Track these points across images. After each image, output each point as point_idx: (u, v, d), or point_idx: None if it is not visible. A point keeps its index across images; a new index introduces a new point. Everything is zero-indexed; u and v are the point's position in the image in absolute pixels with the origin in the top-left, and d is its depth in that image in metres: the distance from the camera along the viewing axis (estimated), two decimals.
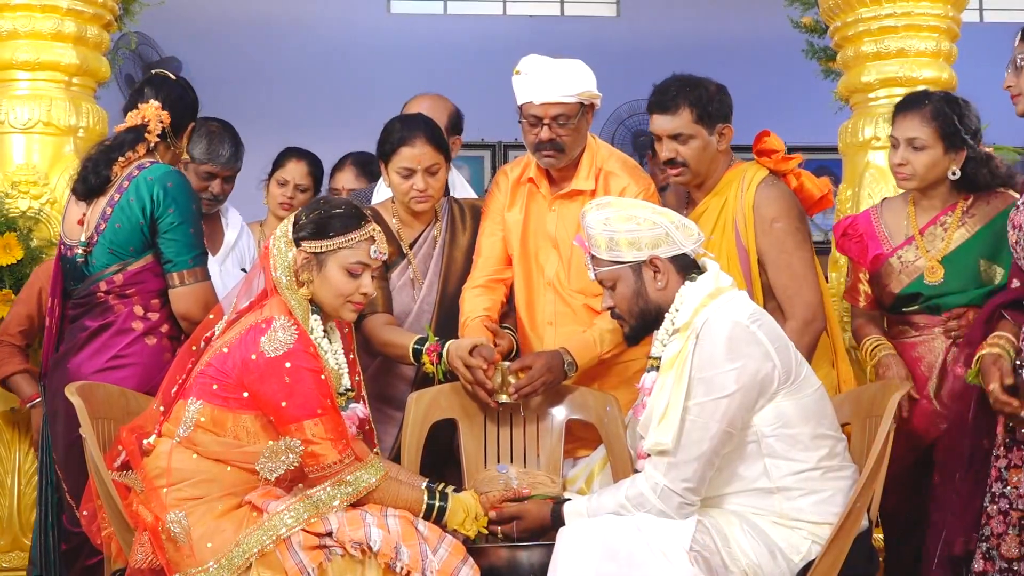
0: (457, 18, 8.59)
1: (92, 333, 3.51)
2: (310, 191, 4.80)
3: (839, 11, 4.72)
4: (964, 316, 3.55)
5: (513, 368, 3.47)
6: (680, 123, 3.61)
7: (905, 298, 3.66)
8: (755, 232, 3.61)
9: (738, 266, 3.61)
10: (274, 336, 2.94)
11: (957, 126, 3.53)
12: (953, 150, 3.55)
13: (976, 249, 3.56)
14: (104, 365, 3.47)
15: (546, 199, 3.72)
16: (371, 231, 3.07)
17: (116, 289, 3.50)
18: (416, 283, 3.81)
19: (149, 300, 3.52)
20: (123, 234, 3.47)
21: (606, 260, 3.10)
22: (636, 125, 8.04)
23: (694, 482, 2.94)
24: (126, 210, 3.46)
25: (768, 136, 3.73)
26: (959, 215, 3.60)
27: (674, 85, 3.64)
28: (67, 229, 3.60)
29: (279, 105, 7.93)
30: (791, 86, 6.27)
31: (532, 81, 3.58)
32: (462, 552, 2.94)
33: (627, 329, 3.16)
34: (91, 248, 3.50)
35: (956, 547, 3.21)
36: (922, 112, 3.56)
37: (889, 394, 3.09)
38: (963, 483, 3.22)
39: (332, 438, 2.92)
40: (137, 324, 3.51)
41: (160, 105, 3.58)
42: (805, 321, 3.57)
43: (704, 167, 3.66)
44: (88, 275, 3.53)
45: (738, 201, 3.64)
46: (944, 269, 3.58)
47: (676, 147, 3.63)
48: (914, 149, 3.57)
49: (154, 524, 2.89)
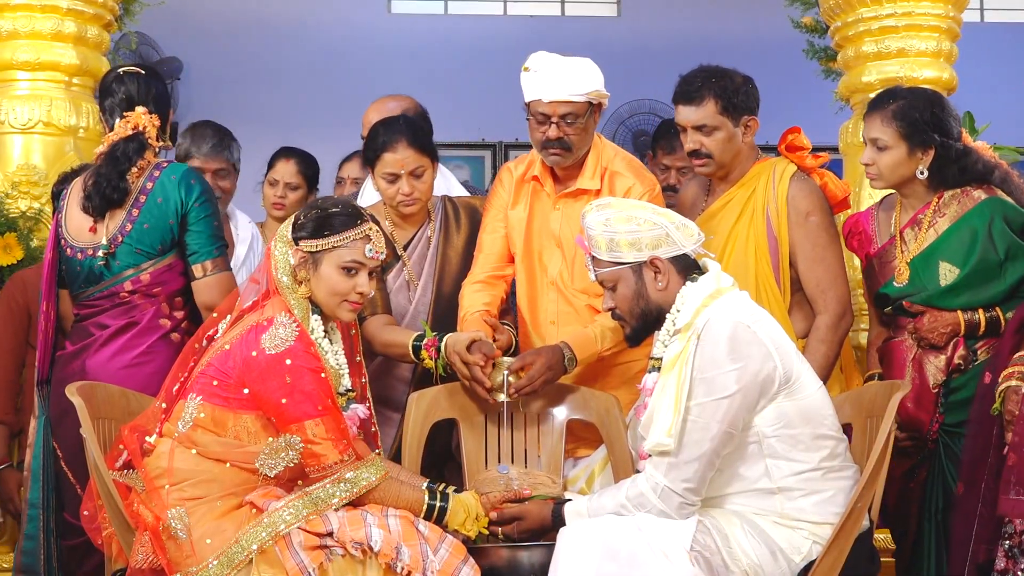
0: (457, 18, 8.59)
1: (115, 332, 3.55)
2: (302, 189, 4.79)
3: (840, 11, 4.73)
4: (919, 319, 3.54)
5: (513, 368, 3.46)
6: (705, 114, 3.59)
7: (880, 298, 3.66)
8: (788, 224, 3.60)
9: (767, 256, 3.60)
10: (275, 334, 2.94)
11: (922, 124, 3.49)
12: (920, 149, 3.51)
13: (939, 251, 3.54)
14: (131, 362, 3.53)
15: (550, 197, 3.72)
16: (367, 230, 3.07)
17: (143, 288, 3.56)
18: (411, 284, 3.80)
19: (173, 299, 3.60)
20: (151, 233, 3.54)
21: (606, 261, 3.09)
22: (637, 125, 8.04)
23: (695, 482, 2.94)
24: (154, 210, 3.53)
25: (796, 133, 3.71)
26: (931, 215, 3.58)
27: (700, 76, 3.62)
28: (73, 233, 3.61)
29: (279, 105, 7.94)
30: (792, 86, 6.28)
31: (541, 78, 3.56)
32: (463, 552, 2.94)
33: (628, 330, 3.16)
34: (114, 250, 3.54)
35: (981, 554, 3.21)
36: (884, 112, 3.53)
37: (890, 395, 3.08)
38: (989, 492, 3.21)
39: (333, 438, 2.92)
40: (164, 321, 3.58)
41: (146, 109, 3.60)
42: (838, 315, 3.58)
43: (728, 159, 3.65)
44: (107, 276, 3.56)
45: (770, 192, 3.62)
46: (910, 271, 3.57)
47: (700, 138, 3.61)
48: (878, 149, 3.54)
49: (155, 524, 2.89)
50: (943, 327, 3.51)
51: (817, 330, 3.57)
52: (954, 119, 3.57)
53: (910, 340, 3.58)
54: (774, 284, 3.59)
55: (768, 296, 3.56)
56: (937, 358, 3.53)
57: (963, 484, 3.34)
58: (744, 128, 3.63)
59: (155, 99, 3.64)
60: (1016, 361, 3.22)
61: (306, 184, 4.81)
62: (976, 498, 3.25)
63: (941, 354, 3.53)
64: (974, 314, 3.49)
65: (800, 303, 3.63)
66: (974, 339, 3.50)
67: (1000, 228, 3.48)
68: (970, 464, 3.33)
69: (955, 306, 3.51)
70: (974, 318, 3.49)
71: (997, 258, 3.49)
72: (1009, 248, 3.48)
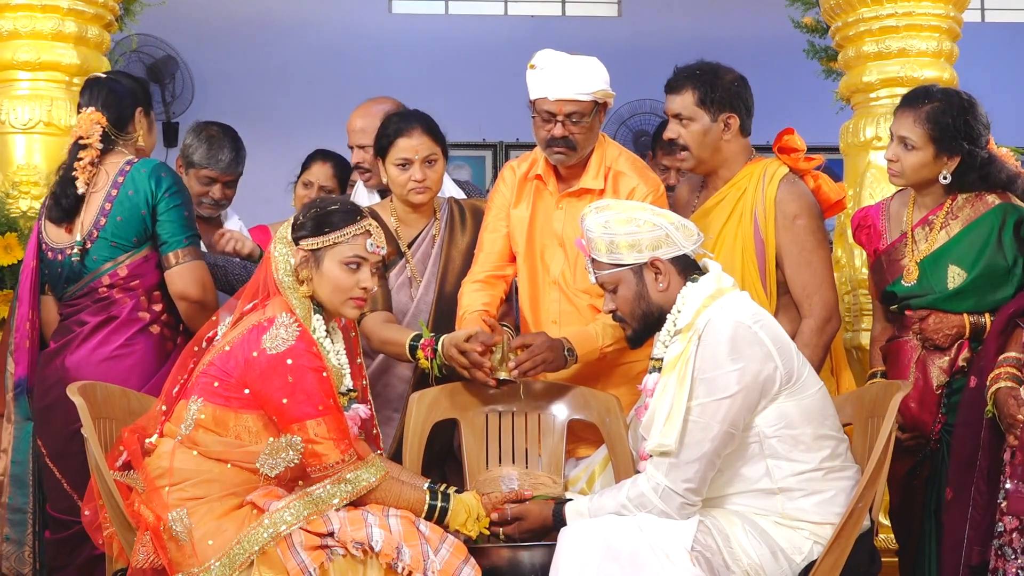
0: (458, 18, 8.59)
1: (94, 328, 3.61)
2: (336, 193, 4.78)
3: (840, 11, 4.72)
4: (925, 320, 3.54)
5: (514, 345, 3.44)
6: (682, 104, 3.62)
7: (887, 296, 3.66)
8: (775, 227, 3.60)
9: (754, 258, 3.61)
10: (276, 334, 2.95)
11: (953, 131, 3.47)
12: (946, 154, 3.50)
13: (949, 254, 3.53)
14: (110, 355, 3.59)
15: (553, 196, 3.71)
16: (367, 225, 3.08)
17: (120, 282, 3.63)
18: (414, 282, 3.81)
19: (151, 292, 3.66)
20: (125, 226, 3.61)
21: (607, 263, 3.09)
22: (637, 125, 8.04)
23: (695, 482, 2.94)
24: (126, 202, 3.61)
25: (790, 134, 3.71)
26: (943, 217, 3.57)
27: (688, 68, 3.66)
28: (52, 238, 3.70)
29: (280, 105, 7.94)
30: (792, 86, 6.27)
31: (547, 76, 3.56)
32: (464, 552, 2.94)
33: (629, 332, 3.15)
34: (89, 245, 3.61)
35: (974, 557, 3.22)
36: (917, 112, 3.51)
37: (891, 394, 3.08)
38: (980, 495, 3.22)
39: (335, 438, 2.92)
40: (143, 315, 3.65)
41: (93, 109, 3.68)
42: (824, 319, 3.58)
43: (707, 155, 3.65)
44: (86, 273, 3.63)
45: (758, 194, 3.62)
46: (919, 271, 3.57)
47: (679, 128, 3.64)
48: (905, 148, 3.53)
49: (156, 524, 2.89)
50: (948, 328, 3.51)
51: (802, 334, 3.56)
52: (984, 126, 3.54)
53: (915, 340, 3.58)
54: (760, 286, 3.59)
55: (754, 298, 3.55)
56: (941, 359, 3.53)
57: (952, 489, 3.34)
58: (723, 125, 3.62)
59: (103, 100, 3.70)
60: (1002, 362, 3.23)
61: (339, 187, 4.81)
62: (966, 502, 3.26)
63: (945, 355, 3.53)
64: (980, 317, 3.49)
65: (787, 306, 3.63)
66: (979, 342, 3.50)
67: (1010, 234, 3.49)
68: (958, 469, 3.33)
69: (962, 309, 3.51)
70: (980, 321, 3.49)
71: (1005, 263, 3.49)
72: (1018, 254, 3.48)
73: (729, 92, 3.62)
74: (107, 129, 3.68)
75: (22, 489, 3.71)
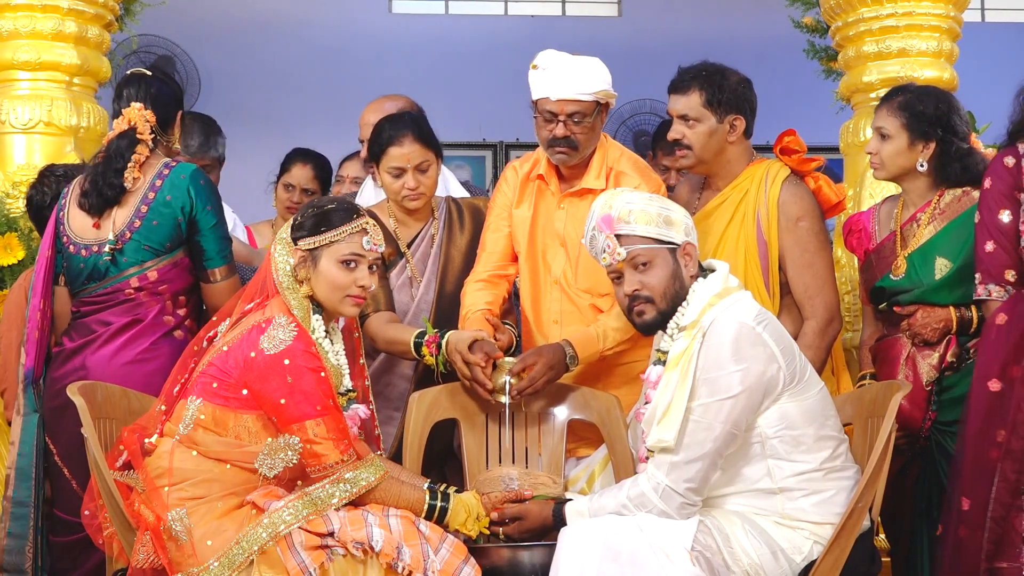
0: (458, 18, 8.60)
1: (118, 329, 3.56)
2: (317, 194, 4.77)
3: (840, 11, 4.72)
4: (913, 315, 3.55)
5: (515, 370, 3.45)
6: (688, 104, 3.61)
7: (875, 293, 3.66)
8: (778, 228, 3.61)
9: (756, 260, 3.61)
10: (273, 334, 2.95)
11: (924, 117, 3.53)
12: (921, 141, 3.55)
13: (937, 247, 3.55)
14: (133, 359, 3.54)
15: (555, 196, 3.71)
16: (363, 224, 3.08)
17: (149, 286, 3.58)
18: (414, 282, 3.81)
19: (178, 296, 3.63)
20: (160, 230, 3.56)
21: (648, 236, 3.05)
22: (638, 125, 8.05)
23: (696, 482, 2.95)
24: (163, 208, 3.56)
25: (791, 135, 3.72)
26: (930, 212, 3.60)
27: (694, 68, 3.65)
28: (76, 230, 3.62)
29: (280, 104, 7.95)
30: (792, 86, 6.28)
31: (549, 76, 3.55)
32: (464, 552, 2.94)
33: (654, 314, 3.08)
34: (121, 246, 3.56)
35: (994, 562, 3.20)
36: (890, 104, 3.59)
37: (891, 395, 3.09)
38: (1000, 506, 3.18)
39: (334, 438, 2.92)
40: (168, 319, 3.61)
41: (142, 106, 3.62)
42: (826, 321, 3.58)
43: (710, 155, 3.64)
44: (113, 272, 3.58)
45: (761, 195, 3.62)
46: (907, 265, 3.58)
47: (683, 129, 3.63)
48: (881, 138, 3.59)
49: (156, 524, 2.90)
50: (936, 323, 3.51)
51: (805, 335, 3.56)
52: (960, 118, 3.59)
53: (904, 338, 3.59)
54: (763, 287, 3.59)
55: (757, 299, 3.55)
56: (930, 356, 3.54)
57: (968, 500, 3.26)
58: (729, 126, 3.63)
59: (152, 98, 3.64)
60: None
61: (321, 188, 4.80)
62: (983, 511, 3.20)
63: (934, 352, 3.53)
64: (967, 310, 3.50)
65: (789, 307, 3.63)
66: (967, 336, 3.51)
67: None
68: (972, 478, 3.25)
69: (948, 302, 3.52)
70: (967, 314, 3.50)
71: None
72: None
73: (736, 94, 3.62)
74: (154, 127, 3.62)
75: (26, 482, 3.68)
